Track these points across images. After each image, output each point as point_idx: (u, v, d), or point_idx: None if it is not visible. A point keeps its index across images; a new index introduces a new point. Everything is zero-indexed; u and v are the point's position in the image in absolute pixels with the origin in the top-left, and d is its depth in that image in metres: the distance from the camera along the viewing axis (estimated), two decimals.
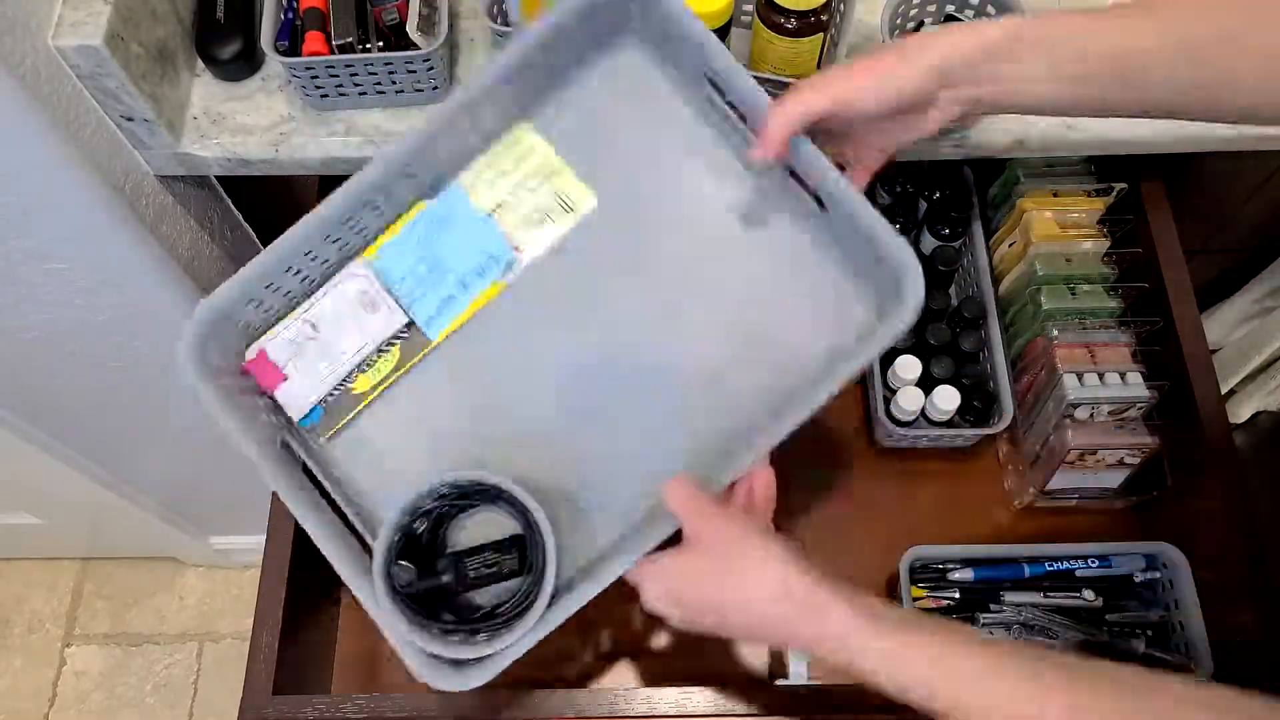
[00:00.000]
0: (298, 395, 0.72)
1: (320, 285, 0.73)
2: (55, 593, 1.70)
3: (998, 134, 0.83)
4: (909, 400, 0.90)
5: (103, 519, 1.44)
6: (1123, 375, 0.86)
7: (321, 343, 0.72)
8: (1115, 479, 0.90)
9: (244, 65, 0.83)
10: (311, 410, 0.73)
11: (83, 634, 1.68)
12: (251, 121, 0.83)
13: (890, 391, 0.93)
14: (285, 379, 0.72)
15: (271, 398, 0.72)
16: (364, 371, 0.73)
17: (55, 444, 1.12)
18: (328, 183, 0.93)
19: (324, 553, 0.65)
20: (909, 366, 0.91)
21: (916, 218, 0.98)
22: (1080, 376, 0.86)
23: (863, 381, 0.98)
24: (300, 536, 0.82)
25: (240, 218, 1.03)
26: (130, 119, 0.78)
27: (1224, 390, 1.32)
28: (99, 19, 0.70)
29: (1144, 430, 0.86)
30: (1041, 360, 0.90)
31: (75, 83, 0.73)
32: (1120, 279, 0.92)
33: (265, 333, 0.72)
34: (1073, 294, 0.91)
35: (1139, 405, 0.86)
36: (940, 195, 0.97)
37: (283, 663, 0.78)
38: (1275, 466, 1.40)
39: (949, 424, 0.92)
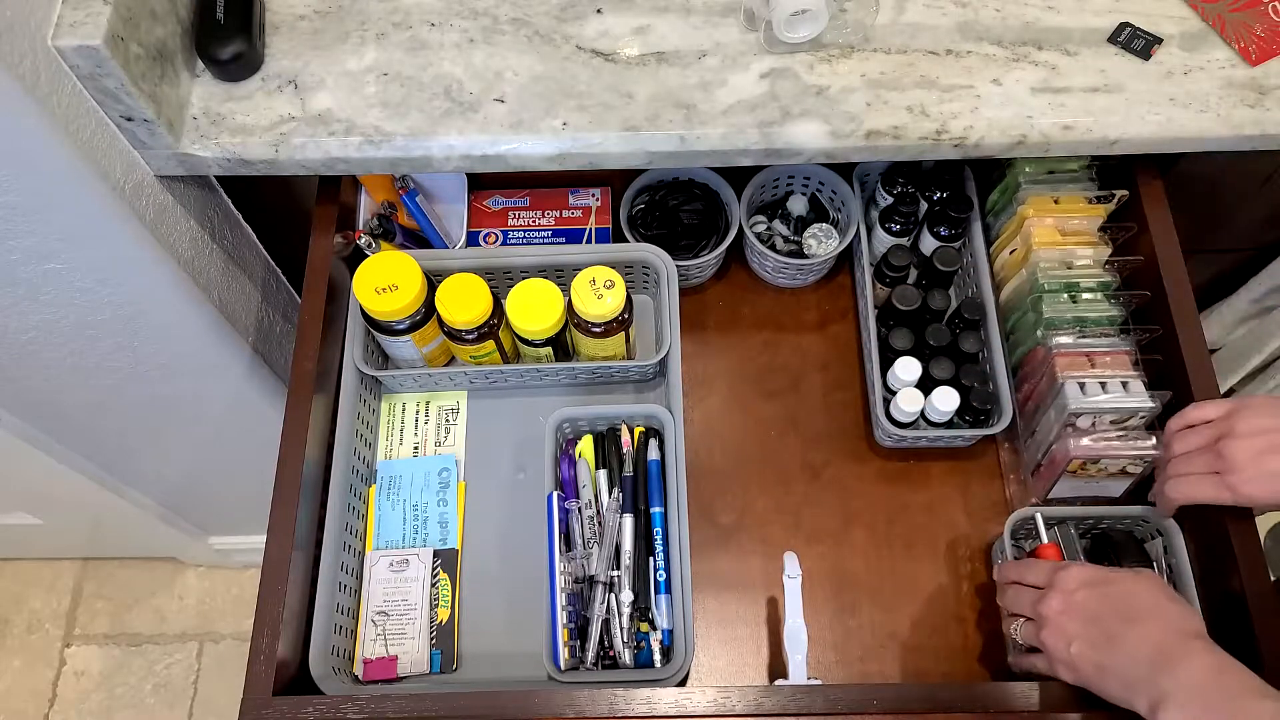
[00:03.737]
0: (414, 660, 0.86)
1: (359, 588, 0.89)
2: (55, 593, 1.70)
3: (998, 134, 0.83)
4: (908, 402, 0.90)
5: (103, 519, 1.44)
6: (1125, 384, 0.86)
7: (395, 617, 0.88)
8: (1118, 487, 0.90)
9: (244, 65, 0.83)
10: (431, 659, 0.86)
11: (83, 634, 1.68)
12: (251, 122, 0.83)
13: (890, 393, 0.93)
14: (396, 659, 0.86)
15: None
16: (437, 605, 0.88)
17: (55, 444, 1.12)
18: (327, 183, 0.94)
19: None
20: (908, 368, 0.91)
21: (917, 217, 0.98)
22: (1082, 385, 0.86)
23: (862, 383, 0.98)
24: (299, 539, 0.82)
25: (240, 218, 1.03)
26: (130, 119, 0.78)
27: (1223, 390, 1.32)
28: (99, 19, 0.70)
29: (1147, 439, 0.86)
30: (1042, 369, 0.90)
31: (75, 83, 0.73)
32: (1122, 286, 0.92)
33: (354, 645, 0.87)
34: (1074, 301, 0.91)
35: (1141, 414, 0.85)
36: (941, 196, 0.97)
37: (283, 663, 0.78)
38: None
39: (948, 425, 0.92)
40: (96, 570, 1.72)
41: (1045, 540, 0.83)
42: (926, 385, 0.91)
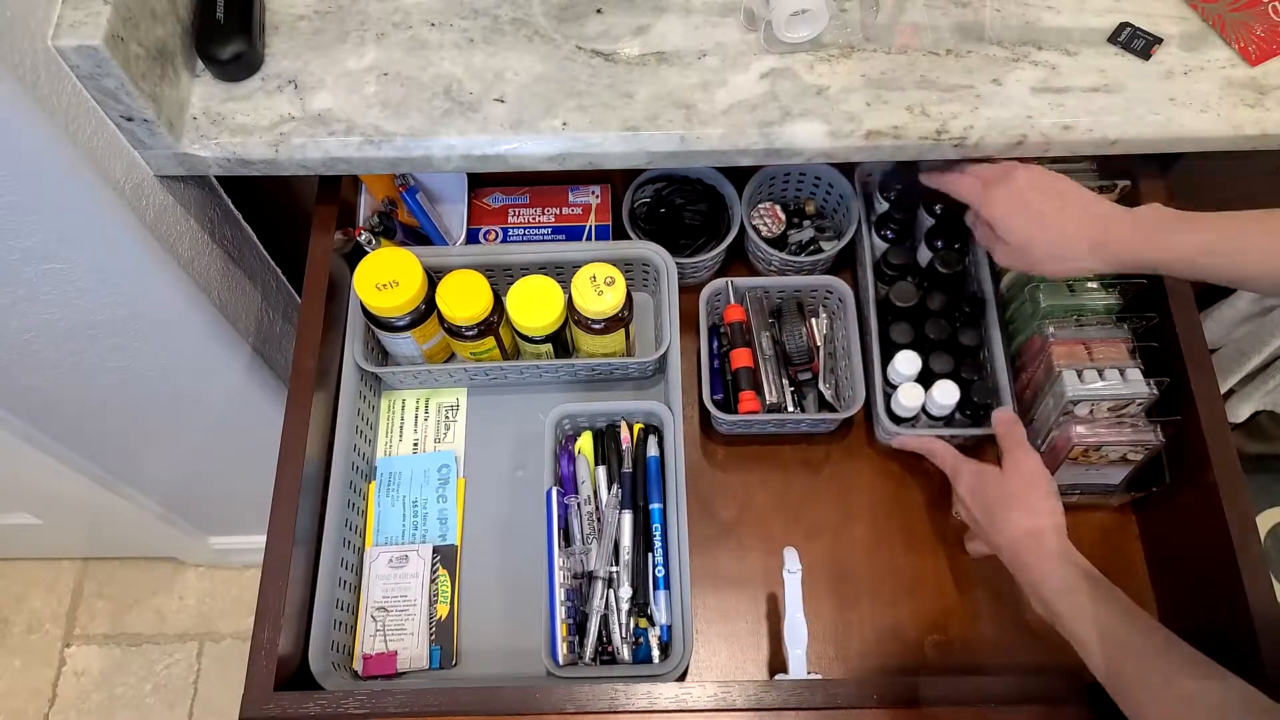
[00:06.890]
0: (414, 656, 0.86)
1: (358, 585, 0.89)
2: (55, 593, 1.71)
3: (998, 134, 0.83)
4: (909, 397, 0.90)
5: (103, 519, 1.44)
6: (1121, 371, 0.86)
7: (395, 613, 0.88)
8: (1118, 475, 0.90)
9: (244, 65, 0.83)
10: (430, 655, 0.86)
11: (83, 634, 1.68)
12: (251, 121, 0.83)
13: (891, 387, 0.93)
14: (396, 654, 0.86)
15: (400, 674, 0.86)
16: (436, 601, 0.89)
17: (55, 444, 1.12)
18: (328, 183, 0.94)
19: None
20: (908, 361, 0.91)
21: (912, 224, 0.97)
22: (1080, 374, 0.86)
23: (866, 378, 0.96)
24: (299, 535, 0.82)
25: (240, 218, 1.03)
26: (130, 119, 0.78)
27: (1223, 390, 1.32)
28: (99, 19, 0.71)
29: (1147, 426, 0.86)
30: (1039, 358, 0.90)
31: (75, 83, 0.73)
32: (1119, 276, 0.92)
33: (354, 640, 0.87)
34: (1072, 291, 0.91)
35: (1139, 401, 0.86)
36: (940, 209, 0.96)
37: (284, 658, 0.78)
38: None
39: (949, 421, 0.92)
40: (96, 570, 1.72)
41: (733, 301, 0.97)
42: (926, 380, 0.92)
